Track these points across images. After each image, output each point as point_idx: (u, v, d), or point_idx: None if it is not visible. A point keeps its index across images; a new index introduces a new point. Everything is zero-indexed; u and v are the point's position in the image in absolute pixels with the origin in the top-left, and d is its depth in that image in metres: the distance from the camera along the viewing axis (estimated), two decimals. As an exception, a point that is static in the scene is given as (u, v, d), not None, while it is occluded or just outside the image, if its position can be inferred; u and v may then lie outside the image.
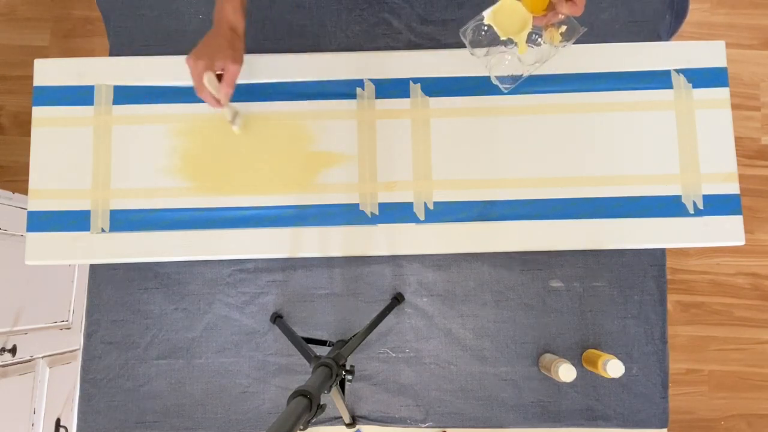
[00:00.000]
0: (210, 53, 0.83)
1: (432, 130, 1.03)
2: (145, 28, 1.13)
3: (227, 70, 0.84)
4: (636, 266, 1.06)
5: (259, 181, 1.02)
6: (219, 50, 0.83)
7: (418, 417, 1.04)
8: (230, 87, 0.85)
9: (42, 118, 1.04)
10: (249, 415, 1.05)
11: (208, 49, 0.84)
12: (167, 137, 1.04)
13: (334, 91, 1.05)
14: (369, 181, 1.02)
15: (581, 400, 1.04)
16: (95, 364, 1.07)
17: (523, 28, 0.84)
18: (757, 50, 1.94)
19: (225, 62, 0.83)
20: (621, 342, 1.05)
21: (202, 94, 0.85)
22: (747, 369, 1.84)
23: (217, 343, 1.07)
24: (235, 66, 0.84)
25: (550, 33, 0.89)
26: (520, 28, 0.84)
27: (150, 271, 1.08)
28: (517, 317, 1.06)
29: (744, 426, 1.83)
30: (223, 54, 0.83)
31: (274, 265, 1.07)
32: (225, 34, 0.85)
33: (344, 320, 1.06)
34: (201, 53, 0.83)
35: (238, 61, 0.85)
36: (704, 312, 1.86)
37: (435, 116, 1.04)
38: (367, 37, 1.11)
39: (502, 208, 1.01)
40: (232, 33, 0.85)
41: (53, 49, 1.97)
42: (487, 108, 1.03)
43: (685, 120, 1.02)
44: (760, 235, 1.88)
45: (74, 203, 1.02)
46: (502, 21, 0.85)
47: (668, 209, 1.00)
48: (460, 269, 1.07)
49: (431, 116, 1.04)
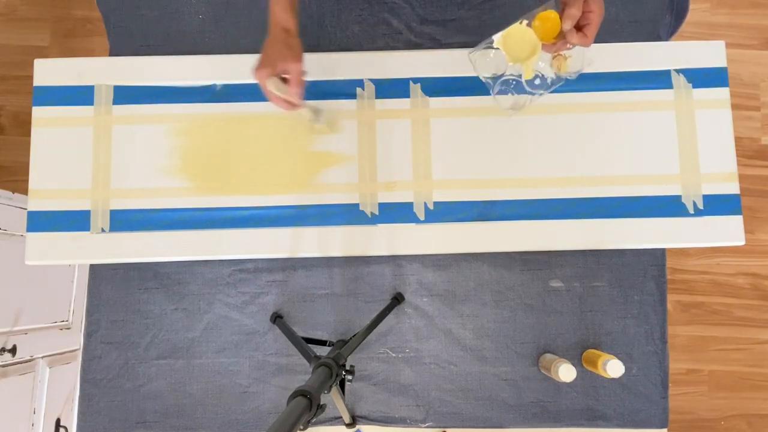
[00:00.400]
0: (270, 60, 0.84)
1: (432, 130, 1.03)
2: (145, 28, 1.13)
3: (290, 71, 0.84)
4: (636, 266, 1.06)
5: (259, 181, 1.02)
6: (277, 54, 0.84)
7: (418, 417, 1.04)
8: (297, 86, 0.85)
9: (42, 118, 1.04)
10: (249, 415, 1.05)
11: (268, 57, 0.84)
12: (167, 137, 1.04)
13: (334, 91, 1.05)
14: (369, 181, 1.02)
15: (581, 400, 1.04)
16: (95, 364, 1.07)
17: (531, 55, 0.84)
18: (757, 50, 1.94)
19: (285, 64, 0.84)
20: (621, 342, 1.05)
21: (275, 101, 0.86)
22: (747, 369, 1.84)
23: (217, 343, 1.07)
24: (296, 64, 0.84)
25: (558, 61, 0.89)
26: (529, 55, 0.84)
27: (150, 271, 1.08)
28: (517, 317, 1.06)
29: (744, 426, 1.83)
30: (281, 57, 0.84)
31: (274, 265, 1.07)
32: (279, 36, 0.85)
33: (344, 320, 1.06)
34: (262, 62, 0.84)
35: (298, 59, 0.85)
36: (704, 312, 1.86)
37: (435, 116, 1.04)
38: (367, 37, 1.11)
39: (502, 208, 1.01)
40: (285, 34, 0.86)
41: (53, 49, 1.97)
42: (487, 108, 1.03)
43: (685, 120, 1.02)
44: (760, 235, 1.88)
45: (74, 203, 1.02)
46: (512, 46, 0.85)
47: (668, 209, 1.00)
48: (460, 269, 1.07)
49: (431, 116, 1.04)
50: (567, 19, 0.76)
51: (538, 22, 0.81)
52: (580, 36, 0.77)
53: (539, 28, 0.81)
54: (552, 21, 0.80)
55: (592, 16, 0.77)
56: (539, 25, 0.81)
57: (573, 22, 0.76)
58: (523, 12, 1.02)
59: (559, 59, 0.89)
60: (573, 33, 0.77)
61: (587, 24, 0.77)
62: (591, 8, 0.76)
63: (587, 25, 0.77)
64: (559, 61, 0.89)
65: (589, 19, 0.77)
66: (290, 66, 0.84)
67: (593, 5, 0.76)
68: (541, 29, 0.81)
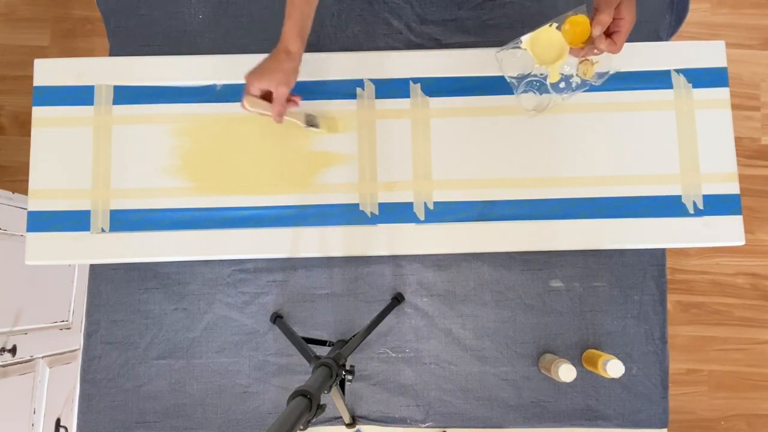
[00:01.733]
0: (258, 74, 0.87)
1: (432, 130, 1.03)
2: (145, 28, 1.13)
3: (275, 92, 0.87)
4: (636, 266, 1.06)
5: (259, 181, 1.02)
6: (267, 72, 0.87)
7: (418, 417, 1.04)
8: (279, 106, 0.88)
9: (42, 118, 1.04)
10: (249, 415, 1.05)
11: (259, 68, 0.87)
12: (167, 137, 1.04)
13: (334, 91, 1.05)
14: (369, 181, 1.02)
15: (581, 400, 1.04)
16: (95, 364, 1.07)
17: (558, 58, 0.84)
18: (757, 50, 1.94)
19: (270, 83, 0.86)
20: (621, 342, 1.05)
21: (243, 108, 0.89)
22: (747, 369, 1.84)
23: (217, 343, 1.07)
24: (282, 88, 0.87)
25: (584, 67, 0.89)
26: (556, 58, 0.84)
27: (150, 271, 1.08)
28: (517, 317, 1.06)
29: (744, 426, 1.83)
30: (269, 76, 0.86)
31: (274, 265, 1.07)
32: (279, 55, 0.88)
33: (344, 320, 1.06)
34: (252, 72, 0.87)
35: (284, 83, 0.87)
36: (704, 312, 1.86)
37: (435, 116, 1.04)
38: (367, 37, 1.11)
39: (502, 208, 1.01)
40: (285, 55, 0.88)
41: (53, 49, 1.97)
42: (487, 108, 1.03)
43: (685, 120, 1.02)
44: (760, 235, 1.88)
45: (74, 203, 1.02)
46: (540, 48, 0.86)
47: (668, 209, 1.00)
48: (460, 269, 1.07)
49: (431, 116, 1.04)
50: (597, 25, 0.76)
51: (568, 25, 0.81)
52: (609, 43, 0.77)
53: (569, 32, 0.81)
54: (582, 26, 0.79)
55: (623, 23, 0.76)
56: (569, 29, 0.81)
57: (603, 28, 0.76)
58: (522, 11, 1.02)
59: (586, 64, 0.89)
60: (602, 39, 0.77)
61: (617, 31, 0.77)
62: (622, 15, 0.76)
63: (617, 32, 0.77)
64: (586, 66, 0.89)
65: (620, 26, 0.76)
66: (276, 89, 0.87)
67: (625, 12, 0.76)
68: (571, 33, 0.81)
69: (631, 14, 0.76)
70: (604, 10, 0.75)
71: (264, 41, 1.11)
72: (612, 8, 0.75)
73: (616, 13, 0.76)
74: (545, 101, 0.96)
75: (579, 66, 0.89)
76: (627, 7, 0.76)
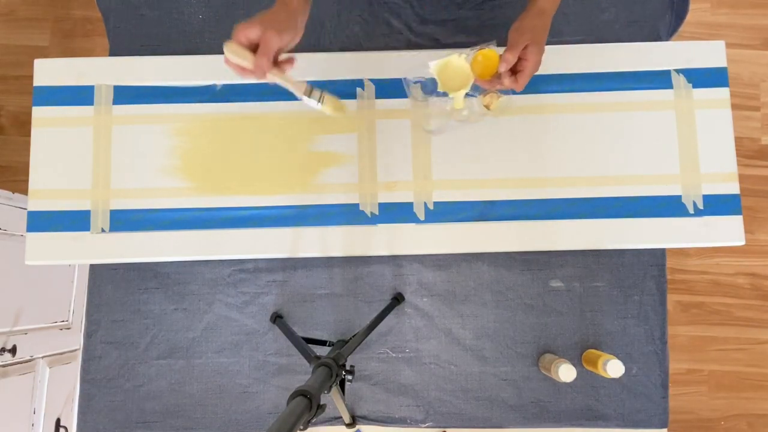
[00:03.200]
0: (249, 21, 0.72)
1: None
2: (145, 28, 1.13)
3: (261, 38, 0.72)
4: (636, 266, 1.06)
5: (259, 181, 1.02)
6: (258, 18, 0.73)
7: (418, 417, 1.04)
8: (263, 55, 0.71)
9: (42, 118, 1.04)
10: (249, 415, 1.05)
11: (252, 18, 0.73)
12: (167, 137, 1.04)
13: (334, 91, 1.04)
14: (369, 181, 1.02)
15: (581, 400, 1.04)
16: (95, 364, 1.07)
17: (462, 87, 0.88)
18: (757, 50, 1.94)
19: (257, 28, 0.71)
20: (621, 342, 1.05)
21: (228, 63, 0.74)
22: (747, 369, 1.84)
23: (217, 343, 1.07)
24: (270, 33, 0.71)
25: (489, 98, 0.96)
26: (460, 87, 0.88)
27: (150, 271, 1.08)
28: (517, 317, 1.06)
29: (744, 426, 1.83)
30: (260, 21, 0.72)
31: (274, 265, 1.07)
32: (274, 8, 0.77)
33: (344, 320, 1.06)
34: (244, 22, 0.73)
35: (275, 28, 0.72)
36: (704, 312, 1.86)
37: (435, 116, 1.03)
38: (367, 37, 1.11)
39: (502, 208, 1.01)
40: (280, 5, 0.77)
41: (53, 49, 1.97)
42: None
43: (685, 120, 1.02)
44: (760, 235, 1.88)
45: (74, 203, 1.02)
46: (446, 76, 0.89)
47: (668, 209, 1.00)
48: (460, 269, 1.07)
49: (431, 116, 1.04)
50: (503, 62, 0.81)
51: (480, 57, 0.85)
52: (512, 80, 0.83)
53: (479, 64, 0.86)
54: (491, 60, 0.84)
55: (527, 64, 0.81)
56: (480, 61, 0.86)
57: (508, 66, 0.81)
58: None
59: (490, 96, 0.95)
60: (507, 75, 0.82)
61: (521, 71, 0.82)
62: (527, 57, 0.81)
63: (521, 71, 0.82)
64: (490, 99, 0.95)
65: (524, 66, 0.81)
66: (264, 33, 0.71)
67: (530, 55, 0.81)
68: (481, 65, 0.86)
69: (535, 57, 0.81)
70: (510, 50, 0.80)
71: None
72: (518, 49, 0.80)
73: (522, 54, 0.81)
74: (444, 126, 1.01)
75: (483, 98, 0.96)
76: (533, 50, 0.80)
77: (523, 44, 0.80)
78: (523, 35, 0.80)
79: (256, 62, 0.72)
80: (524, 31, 0.81)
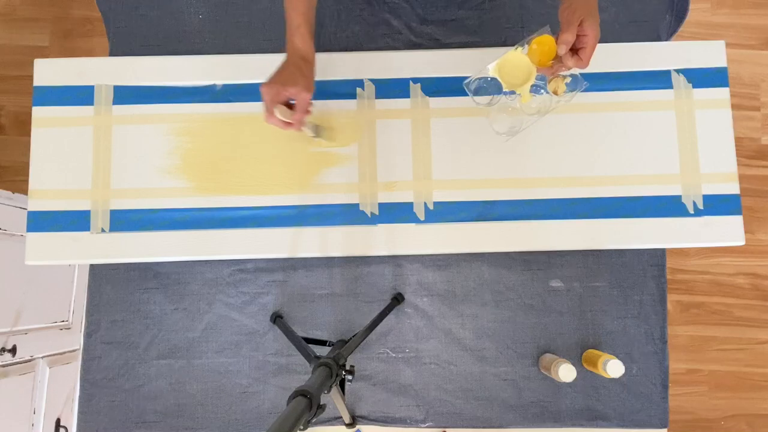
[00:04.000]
0: (282, 81, 0.85)
1: (432, 130, 1.03)
2: (145, 28, 1.13)
3: (298, 97, 0.86)
4: (636, 266, 1.06)
5: (259, 181, 1.02)
6: (290, 79, 0.85)
7: (418, 417, 1.04)
8: (302, 113, 0.87)
9: (42, 118, 1.04)
10: (249, 415, 1.05)
11: (280, 77, 0.86)
12: (167, 137, 1.04)
13: (334, 91, 1.05)
14: (369, 181, 1.02)
15: (581, 400, 1.04)
16: (95, 364, 1.07)
17: (527, 80, 0.85)
18: (757, 50, 1.94)
19: (296, 90, 0.85)
20: (621, 342, 1.05)
21: (271, 119, 0.87)
22: (747, 369, 1.84)
23: (217, 343, 1.07)
24: (306, 94, 0.86)
25: (554, 84, 0.90)
26: (524, 80, 0.85)
27: (150, 271, 1.08)
28: (517, 317, 1.06)
29: (744, 426, 1.83)
30: (293, 82, 0.85)
31: (274, 265, 1.07)
32: (296, 62, 0.87)
33: (344, 320, 1.06)
34: (273, 80, 0.85)
35: (309, 89, 0.87)
36: (704, 312, 1.86)
37: (435, 116, 1.04)
38: (367, 37, 1.11)
39: (502, 208, 1.01)
40: (302, 61, 0.87)
41: (53, 49, 1.97)
42: (486, 108, 1.03)
43: (685, 120, 1.02)
44: (760, 235, 1.88)
45: (74, 203, 1.02)
46: (507, 73, 0.87)
47: (668, 209, 1.00)
48: (460, 269, 1.07)
49: (431, 116, 1.04)
50: (561, 44, 0.78)
51: (535, 46, 0.83)
52: (576, 59, 0.80)
53: (535, 53, 0.83)
54: (548, 45, 0.82)
55: (587, 39, 0.78)
56: (535, 50, 0.83)
57: (568, 47, 0.79)
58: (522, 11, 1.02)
59: (556, 81, 0.90)
60: (568, 57, 0.80)
61: (582, 47, 0.79)
62: (586, 32, 0.78)
63: (582, 48, 0.79)
64: (556, 84, 0.91)
65: (584, 42, 0.79)
66: (301, 94, 0.85)
67: (588, 29, 0.78)
68: (537, 53, 0.83)
69: (594, 30, 0.79)
70: (567, 29, 0.78)
71: (264, 41, 1.11)
72: (575, 26, 0.77)
73: (579, 30, 0.78)
74: (517, 125, 0.97)
75: (549, 84, 0.91)
76: (590, 23, 0.78)
77: (578, 20, 0.77)
78: (575, 12, 0.78)
79: (297, 118, 0.87)
80: (576, 7, 0.78)
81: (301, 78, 0.86)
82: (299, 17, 0.87)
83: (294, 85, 0.84)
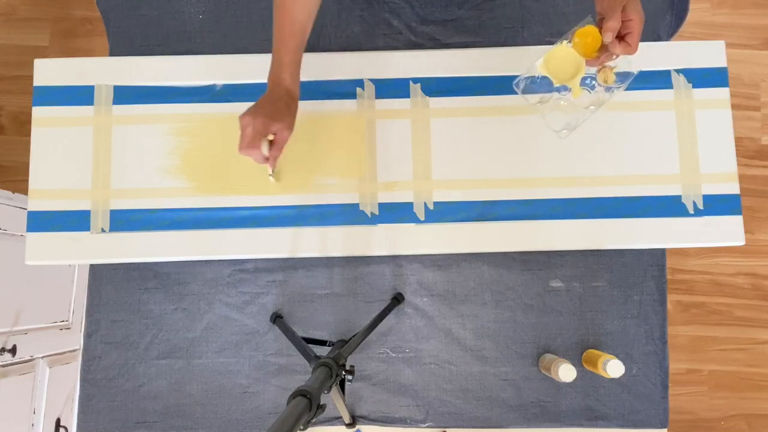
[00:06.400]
0: (268, 114, 0.83)
1: (432, 130, 1.03)
2: (145, 28, 1.13)
3: (281, 135, 0.84)
4: (636, 266, 1.06)
5: (259, 181, 1.02)
6: (278, 114, 0.83)
7: (418, 417, 1.04)
8: (280, 150, 0.86)
9: (42, 118, 1.04)
10: (249, 415, 1.05)
11: (265, 110, 0.83)
12: (167, 137, 1.04)
13: (334, 91, 1.05)
14: (369, 181, 1.02)
15: (581, 400, 1.04)
16: (95, 364, 1.07)
17: (576, 74, 0.83)
18: (757, 50, 1.94)
19: (281, 126, 0.83)
20: (621, 342, 1.05)
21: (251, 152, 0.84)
22: (747, 369, 1.84)
23: (217, 343, 1.07)
24: (288, 132, 0.85)
25: (604, 74, 0.87)
26: (574, 74, 0.84)
27: (150, 271, 1.08)
28: (517, 317, 1.06)
29: (744, 426, 1.83)
30: (280, 118, 0.83)
31: (274, 265, 1.07)
32: (284, 99, 0.85)
33: (344, 320, 1.06)
34: (256, 112, 0.82)
35: (292, 127, 0.86)
36: (704, 312, 1.86)
37: (435, 116, 1.04)
38: (367, 37, 1.11)
39: (502, 208, 1.01)
40: (290, 99, 0.86)
41: (53, 49, 1.97)
42: (487, 108, 1.03)
43: (685, 120, 1.02)
44: (760, 235, 1.88)
45: (74, 203, 1.02)
46: (555, 68, 0.85)
47: (668, 209, 1.00)
48: (460, 269, 1.07)
49: (431, 116, 1.04)
50: (607, 32, 0.75)
51: (578, 38, 0.81)
52: (624, 45, 0.77)
53: (580, 45, 0.81)
54: (592, 35, 0.79)
55: (633, 24, 0.75)
56: (580, 42, 0.81)
57: (614, 34, 0.76)
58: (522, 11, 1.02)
59: (605, 71, 0.87)
60: (615, 44, 0.77)
61: (629, 32, 0.76)
62: (630, 16, 0.75)
63: (629, 33, 0.76)
64: (606, 73, 0.88)
65: (630, 27, 0.76)
66: (284, 132, 0.84)
67: (632, 13, 0.75)
68: (582, 45, 0.81)
69: (638, 13, 0.75)
70: (611, 17, 0.75)
71: (264, 41, 1.10)
72: (618, 12, 0.75)
73: (623, 15, 0.75)
74: (574, 120, 0.95)
75: (598, 75, 0.88)
76: (633, 6, 0.75)
77: (621, 5, 0.74)
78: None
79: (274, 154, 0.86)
80: None
81: (288, 116, 0.85)
82: (289, 54, 0.85)
83: (280, 122, 0.83)
